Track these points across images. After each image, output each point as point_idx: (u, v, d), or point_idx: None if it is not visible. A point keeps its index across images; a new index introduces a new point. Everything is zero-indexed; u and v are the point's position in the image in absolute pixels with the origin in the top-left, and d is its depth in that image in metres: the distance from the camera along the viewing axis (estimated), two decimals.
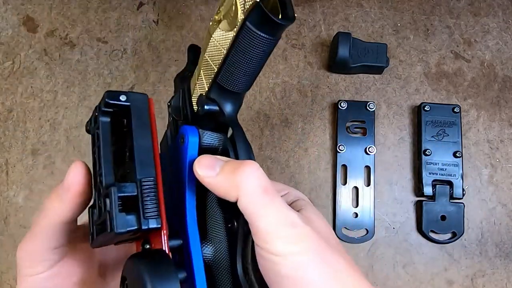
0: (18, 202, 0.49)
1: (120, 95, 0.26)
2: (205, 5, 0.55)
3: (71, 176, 0.26)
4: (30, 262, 0.27)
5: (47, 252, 0.27)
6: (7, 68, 0.53)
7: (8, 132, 0.52)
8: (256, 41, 0.26)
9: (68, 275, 0.28)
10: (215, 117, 0.30)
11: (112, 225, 0.23)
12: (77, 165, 0.27)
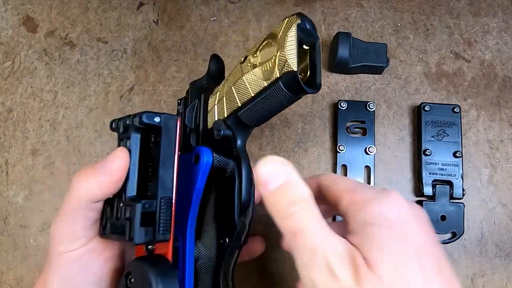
0: (18, 202, 0.49)
1: (155, 117, 0.28)
2: (205, 5, 0.55)
3: (117, 163, 0.27)
4: (66, 239, 0.28)
5: (83, 229, 0.28)
6: (7, 68, 0.53)
7: (8, 132, 0.52)
8: (282, 97, 0.30)
9: (101, 252, 0.30)
10: (226, 141, 0.33)
11: (131, 236, 0.26)
12: (123, 153, 0.28)
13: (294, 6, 0.54)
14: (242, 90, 0.32)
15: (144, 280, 0.26)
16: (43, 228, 0.49)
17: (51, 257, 0.29)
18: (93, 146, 0.51)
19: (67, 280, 0.28)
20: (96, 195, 0.28)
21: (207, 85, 0.37)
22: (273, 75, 0.29)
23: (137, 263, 0.27)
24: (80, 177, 0.28)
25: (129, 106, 0.52)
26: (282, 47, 0.29)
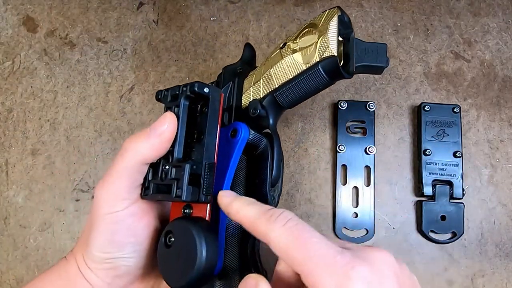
0: (18, 202, 0.49)
1: (205, 87, 0.31)
2: (205, 5, 0.55)
3: (167, 125, 0.30)
4: (111, 200, 0.29)
5: (128, 191, 0.30)
6: (7, 68, 0.53)
7: (8, 132, 0.52)
8: (318, 80, 0.33)
9: (141, 217, 0.31)
10: (260, 119, 0.35)
11: (178, 194, 0.29)
12: (172, 117, 0.30)
13: (294, 6, 0.54)
14: (280, 72, 0.34)
15: (187, 238, 0.28)
16: (43, 228, 0.49)
17: (94, 219, 0.30)
18: (93, 146, 0.51)
19: (110, 241, 0.30)
20: (147, 156, 0.29)
21: (240, 70, 0.40)
22: (313, 59, 0.33)
23: (179, 222, 0.29)
24: (132, 140, 0.30)
25: (129, 106, 0.52)
26: (324, 34, 0.32)
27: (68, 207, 0.49)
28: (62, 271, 0.32)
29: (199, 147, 0.31)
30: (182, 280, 0.27)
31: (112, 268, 0.30)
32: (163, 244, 0.29)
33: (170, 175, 0.30)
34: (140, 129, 0.50)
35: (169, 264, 0.29)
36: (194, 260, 0.27)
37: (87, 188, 0.50)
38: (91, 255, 0.30)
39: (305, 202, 0.48)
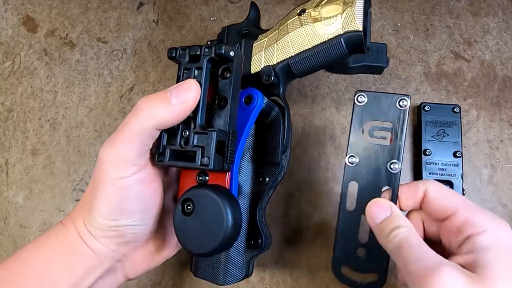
0: (18, 202, 0.49)
1: (231, 51, 0.30)
2: (205, 5, 0.55)
3: (192, 93, 0.28)
4: (120, 165, 0.28)
5: (139, 155, 0.28)
6: (7, 68, 0.54)
7: (8, 132, 0.52)
8: (338, 53, 0.33)
9: (148, 183, 0.30)
10: (271, 87, 0.35)
11: (204, 162, 0.28)
12: (197, 85, 0.28)
13: (294, 6, 0.54)
14: (298, 40, 0.34)
15: (212, 206, 0.28)
16: (43, 228, 0.49)
17: (99, 184, 0.28)
18: (93, 146, 0.51)
19: (117, 208, 0.28)
20: (165, 121, 0.28)
21: (246, 31, 0.38)
22: (336, 31, 0.32)
23: (200, 190, 0.29)
24: (150, 101, 0.28)
25: (129, 106, 0.52)
26: (351, 7, 0.32)
27: (68, 207, 0.49)
28: (60, 236, 0.30)
29: (222, 114, 0.30)
30: (208, 246, 0.28)
31: (117, 236, 0.29)
32: (181, 212, 0.29)
33: (193, 142, 0.29)
34: None
35: (190, 232, 0.29)
36: (221, 226, 0.28)
37: (87, 188, 0.50)
38: (95, 222, 0.29)
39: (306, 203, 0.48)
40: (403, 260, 0.27)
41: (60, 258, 0.29)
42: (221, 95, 0.31)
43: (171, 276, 0.46)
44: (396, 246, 0.28)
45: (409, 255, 0.27)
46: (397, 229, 0.28)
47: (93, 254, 0.29)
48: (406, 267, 0.26)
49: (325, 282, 0.46)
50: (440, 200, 0.31)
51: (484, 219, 0.28)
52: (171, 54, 0.31)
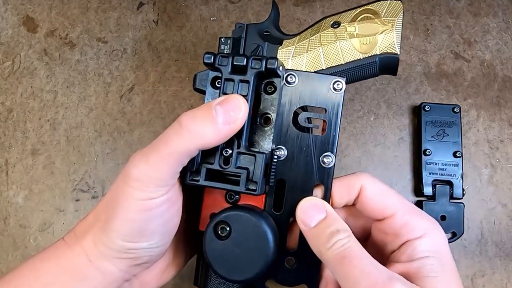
0: (18, 202, 0.49)
1: (280, 66, 0.28)
2: (205, 5, 0.55)
3: (242, 112, 0.26)
4: (153, 185, 0.25)
5: (173, 176, 0.26)
6: (7, 68, 0.53)
7: (8, 132, 0.52)
8: (369, 72, 0.33)
9: (173, 203, 0.27)
10: None
11: (250, 187, 0.27)
12: (245, 103, 0.26)
13: (294, 6, 0.54)
14: (332, 54, 0.33)
15: (253, 230, 0.27)
16: (43, 228, 0.49)
17: (121, 203, 0.26)
18: (93, 146, 0.51)
19: (139, 229, 0.26)
20: (210, 142, 0.25)
21: (267, 33, 0.37)
22: (373, 51, 0.33)
23: (240, 213, 0.27)
24: (196, 120, 0.25)
25: (129, 106, 0.52)
26: (391, 30, 0.33)
27: (68, 207, 0.49)
28: (61, 258, 0.27)
29: (264, 132, 0.29)
30: (248, 273, 0.27)
31: (132, 258, 0.27)
32: (214, 236, 0.27)
33: (236, 163, 0.27)
34: (143, 126, 0.50)
35: (225, 257, 0.27)
36: (265, 253, 0.26)
37: (87, 188, 0.50)
38: (110, 243, 0.26)
39: None
40: (346, 273, 0.24)
41: (60, 284, 0.27)
42: (263, 112, 0.29)
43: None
44: (338, 257, 0.25)
45: (355, 268, 0.24)
46: (337, 234, 0.26)
47: (100, 276, 0.27)
48: (348, 281, 0.24)
49: None
50: (378, 200, 0.29)
51: (423, 223, 0.28)
52: (209, 61, 0.28)
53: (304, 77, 0.30)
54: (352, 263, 0.24)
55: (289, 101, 0.30)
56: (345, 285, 0.25)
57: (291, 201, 0.29)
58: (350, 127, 0.50)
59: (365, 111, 0.51)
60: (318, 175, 0.29)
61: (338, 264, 0.25)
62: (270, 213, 0.30)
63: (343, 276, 0.25)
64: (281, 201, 0.30)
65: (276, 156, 0.29)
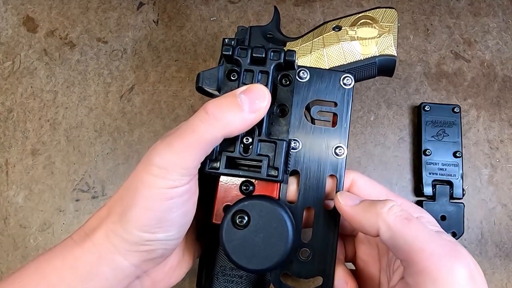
0: (18, 202, 0.49)
1: (296, 59, 0.29)
2: (205, 5, 0.55)
3: (266, 101, 0.27)
4: (177, 173, 0.25)
5: (195, 166, 0.26)
6: (7, 68, 0.53)
7: (8, 132, 0.52)
8: (368, 72, 0.36)
9: (192, 193, 0.27)
10: None
11: (271, 173, 0.28)
12: (268, 92, 0.27)
13: (294, 6, 0.54)
14: (335, 55, 0.36)
15: (272, 219, 0.27)
16: (43, 228, 0.49)
17: (142, 190, 0.25)
18: (93, 146, 0.51)
19: (159, 219, 0.25)
20: (237, 130, 0.26)
21: (271, 35, 0.39)
22: (372, 52, 0.36)
23: (260, 202, 0.27)
24: (223, 108, 0.25)
25: (129, 106, 0.52)
26: (387, 33, 0.36)
27: (68, 207, 0.49)
28: (68, 257, 0.26)
29: (282, 122, 0.30)
30: (267, 262, 0.27)
31: (147, 251, 0.26)
32: (232, 226, 0.27)
33: (257, 150, 0.28)
34: (143, 126, 0.50)
35: (244, 247, 0.27)
36: (285, 241, 0.27)
37: (87, 188, 0.50)
38: (126, 234, 0.25)
39: None
40: (414, 234, 0.24)
41: (66, 284, 0.25)
42: (280, 103, 0.30)
43: None
44: (401, 218, 0.25)
45: (424, 228, 0.24)
46: (390, 201, 0.26)
47: (110, 273, 0.26)
48: (417, 241, 0.24)
49: None
50: (368, 190, 0.31)
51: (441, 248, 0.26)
52: (228, 52, 0.29)
53: (315, 73, 0.31)
54: (419, 225, 0.24)
55: (302, 95, 0.31)
56: (413, 245, 0.24)
57: (304, 192, 0.30)
58: (350, 127, 0.50)
59: (365, 111, 0.51)
60: (331, 166, 0.30)
61: (403, 226, 0.25)
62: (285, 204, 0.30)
63: (411, 237, 0.24)
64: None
65: (292, 148, 0.30)
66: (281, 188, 0.30)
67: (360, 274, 0.32)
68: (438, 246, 0.24)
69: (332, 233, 0.30)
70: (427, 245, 0.24)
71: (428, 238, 0.24)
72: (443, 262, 0.23)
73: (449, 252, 0.23)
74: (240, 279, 0.32)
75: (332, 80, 0.31)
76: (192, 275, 0.46)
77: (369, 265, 0.31)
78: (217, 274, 0.32)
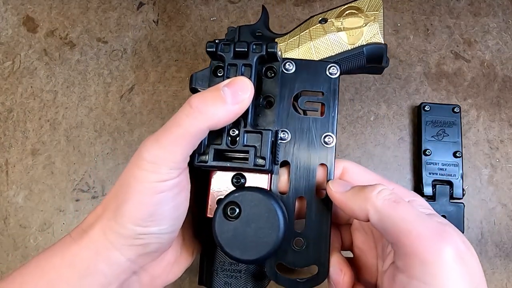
0: (18, 202, 0.49)
1: (279, 51, 0.30)
2: (205, 5, 0.55)
3: (249, 92, 0.27)
4: (166, 167, 0.26)
5: (185, 158, 0.26)
6: (7, 68, 0.53)
7: (8, 132, 0.52)
8: (357, 62, 0.36)
9: (182, 188, 0.28)
10: None
11: (258, 163, 0.28)
12: (251, 83, 0.27)
13: (294, 6, 0.54)
14: (322, 47, 0.36)
15: (263, 210, 0.27)
16: (43, 228, 0.49)
17: (134, 185, 0.26)
18: (93, 146, 0.51)
19: (151, 213, 0.26)
20: (221, 122, 0.26)
21: (259, 33, 0.40)
22: (359, 41, 0.36)
23: (249, 193, 0.28)
24: (206, 101, 0.26)
25: (129, 106, 0.52)
26: (373, 21, 0.36)
27: (68, 207, 0.49)
28: (66, 254, 0.27)
29: (268, 113, 0.30)
30: (260, 252, 0.27)
31: (142, 245, 0.27)
32: (224, 218, 0.28)
33: (244, 142, 0.28)
34: (143, 126, 0.50)
35: (236, 238, 0.27)
36: (275, 231, 0.27)
37: (87, 188, 0.50)
38: (120, 228, 0.26)
39: None
40: (402, 216, 0.24)
41: (65, 281, 0.26)
42: (266, 94, 0.31)
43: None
44: (390, 202, 0.25)
45: (412, 210, 0.25)
46: (379, 185, 0.26)
47: (107, 269, 0.26)
48: (405, 223, 0.24)
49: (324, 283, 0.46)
50: (360, 176, 0.31)
51: (429, 228, 0.26)
52: (211, 49, 0.30)
53: (301, 64, 0.32)
54: (407, 207, 0.25)
55: (289, 87, 0.32)
56: (401, 227, 0.24)
57: (296, 182, 0.30)
58: (350, 127, 0.50)
59: (365, 111, 0.51)
60: (321, 155, 0.31)
61: (392, 208, 0.25)
62: (276, 195, 0.31)
63: (399, 219, 0.24)
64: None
65: (280, 138, 0.31)
66: (272, 180, 0.31)
67: (357, 261, 0.32)
68: (426, 228, 0.24)
69: (325, 221, 0.30)
70: (415, 227, 0.24)
71: (416, 220, 0.24)
72: (430, 243, 0.23)
73: (437, 233, 0.23)
74: (239, 273, 0.33)
75: (318, 70, 0.32)
76: (193, 275, 0.47)
77: (366, 253, 0.31)
78: (216, 270, 0.33)
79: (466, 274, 0.23)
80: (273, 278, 0.30)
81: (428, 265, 0.23)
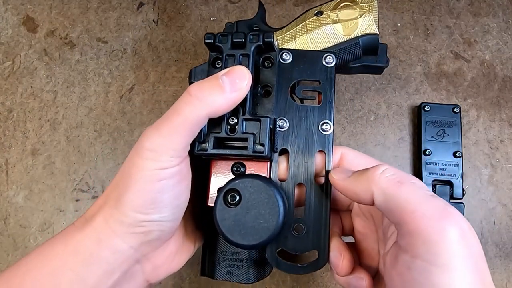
0: (18, 202, 0.49)
1: (276, 41, 0.31)
2: (205, 5, 0.55)
3: (247, 80, 0.28)
4: (166, 154, 0.26)
5: (185, 146, 0.27)
6: (7, 68, 0.53)
7: (8, 132, 0.52)
8: (353, 53, 0.37)
9: (184, 176, 0.28)
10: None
11: (257, 149, 0.28)
12: (249, 72, 0.28)
13: (294, 6, 0.54)
14: (319, 39, 0.37)
15: (263, 197, 0.28)
16: (43, 228, 0.49)
17: (135, 173, 0.26)
18: (93, 146, 0.51)
19: (152, 200, 0.26)
20: (219, 110, 0.27)
21: (256, 27, 0.40)
22: (354, 33, 0.37)
23: (250, 180, 0.28)
24: (204, 89, 0.26)
25: (129, 106, 0.52)
26: (368, 13, 0.37)
27: (68, 207, 0.49)
28: (69, 242, 0.27)
29: (265, 102, 0.31)
30: (260, 237, 0.28)
31: (144, 232, 0.27)
32: (225, 205, 0.28)
33: (243, 129, 0.29)
34: (143, 126, 0.50)
35: (237, 224, 0.28)
36: (275, 216, 0.28)
37: (87, 188, 0.50)
38: (122, 216, 0.26)
39: None
40: (407, 196, 0.24)
41: (68, 268, 0.26)
42: (264, 84, 0.31)
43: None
44: (394, 182, 0.25)
45: (418, 190, 0.25)
46: (382, 165, 0.27)
47: (111, 256, 0.27)
48: (410, 203, 0.24)
49: (325, 282, 0.46)
50: (357, 160, 0.31)
51: (433, 210, 0.26)
52: (209, 40, 0.30)
53: (297, 55, 0.33)
54: (411, 187, 0.25)
55: (286, 76, 0.32)
56: (405, 206, 0.24)
57: (295, 169, 0.31)
58: (350, 127, 0.50)
59: (365, 111, 0.51)
60: (319, 142, 0.32)
61: (396, 188, 0.25)
62: (276, 182, 0.31)
63: (403, 199, 0.25)
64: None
65: (278, 127, 0.31)
66: (272, 168, 0.31)
67: (359, 246, 0.32)
68: (430, 208, 0.24)
69: (324, 207, 0.31)
70: (419, 207, 0.24)
71: (420, 200, 0.24)
72: (434, 223, 0.23)
73: (441, 213, 0.24)
74: (241, 263, 0.33)
75: (314, 60, 0.33)
76: (193, 275, 0.47)
77: (367, 237, 0.32)
78: (218, 259, 0.34)
79: (469, 254, 0.23)
80: (274, 264, 0.30)
81: (432, 244, 0.23)
